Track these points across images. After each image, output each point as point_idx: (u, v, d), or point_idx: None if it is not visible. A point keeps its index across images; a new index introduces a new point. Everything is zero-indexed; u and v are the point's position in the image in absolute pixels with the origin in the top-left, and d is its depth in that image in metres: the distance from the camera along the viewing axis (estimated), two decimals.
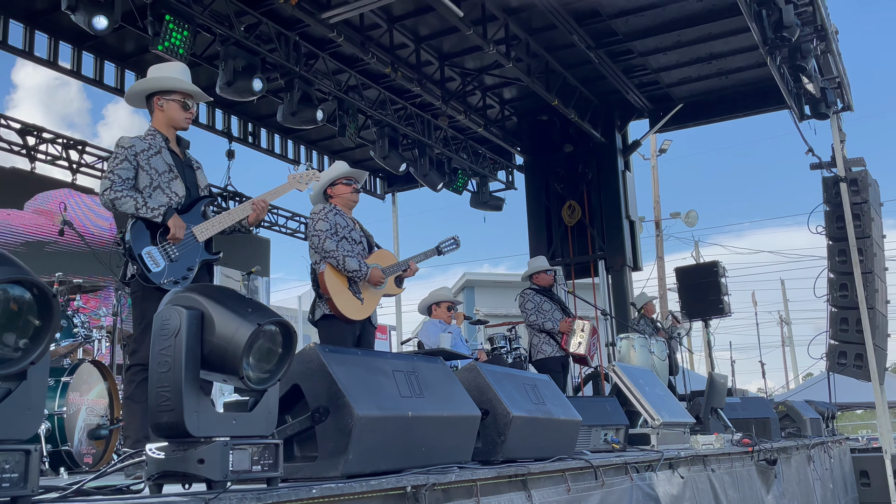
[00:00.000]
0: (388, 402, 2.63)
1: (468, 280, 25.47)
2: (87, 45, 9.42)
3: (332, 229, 4.96)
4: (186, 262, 3.84)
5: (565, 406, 3.88)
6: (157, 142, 3.92)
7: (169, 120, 3.98)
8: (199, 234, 3.89)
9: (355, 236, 5.11)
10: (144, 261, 3.70)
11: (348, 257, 4.88)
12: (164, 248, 3.77)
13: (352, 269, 4.87)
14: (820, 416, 9.41)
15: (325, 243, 4.88)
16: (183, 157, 4.04)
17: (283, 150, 12.40)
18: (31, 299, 1.65)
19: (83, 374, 5.04)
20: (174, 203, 3.85)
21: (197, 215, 3.96)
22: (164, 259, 3.75)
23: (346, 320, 4.87)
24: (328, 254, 4.87)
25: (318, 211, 5.06)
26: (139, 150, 3.84)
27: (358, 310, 4.93)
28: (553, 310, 7.71)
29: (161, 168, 3.87)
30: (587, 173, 12.21)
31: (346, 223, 5.10)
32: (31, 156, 9.78)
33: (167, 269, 3.75)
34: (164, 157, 3.90)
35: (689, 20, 9.82)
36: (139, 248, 3.72)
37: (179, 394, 2.02)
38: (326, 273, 4.86)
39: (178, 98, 3.98)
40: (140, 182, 3.82)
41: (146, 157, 3.84)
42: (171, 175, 3.89)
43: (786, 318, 32.75)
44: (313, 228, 5.00)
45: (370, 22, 9.45)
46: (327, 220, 4.98)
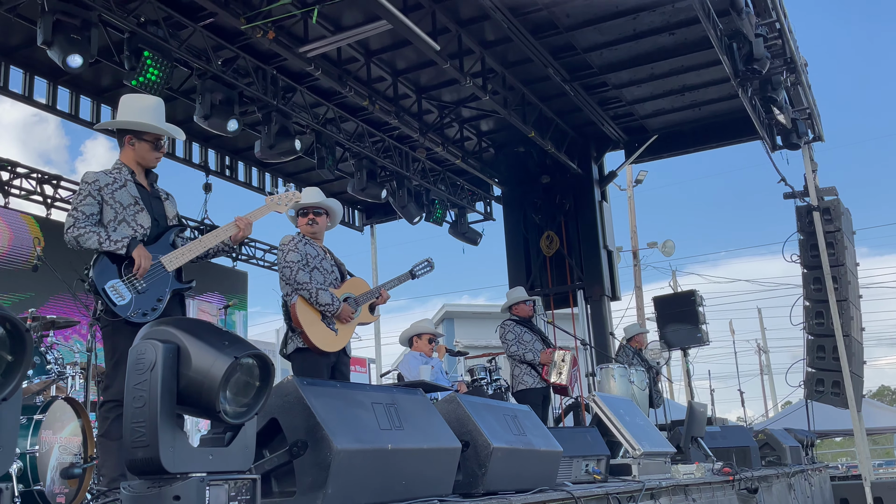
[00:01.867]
0: (367, 435, 2.60)
1: (448, 311, 25.46)
2: (63, 79, 9.39)
3: (302, 260, 4.91)
4: (155, 293, 3.77)
5: (546, 437, 3.86)
6: (123, 175, 3.88)
7: (139, 159, 3.95)
8: (167, 264, 3.83)
9: (326, 266, 5.07)
10: (108, 294, 3.64)
11: (321, 290, 4.83)
12: (130, 281, 3.70)
13: (324, 302, 4.81)
14: (799, 444, 9.43)
15: (298, 275, 4.83)
16: (150, 188, 3.99)
17: (260, 183, 12.38)
18: (4, 334, 1.63)
19: (56, 412, 4.94)
20: (139, 235, 3.79)
21: (166, 245, 3.90)
22: (129, 291, 3.69)
23: (320, 352, 4.81)
24: (301, 286, 4.82)
25: (286, 242, 5.02)
26: (103, 184, 3.80)
27: (333, 341, 4.87)
28: (533, 340, 7.70)
29: (126, 201, 3.82)
30: (564, 204, 12.29)
31: (317, 252, 5.05)
32: (4, 191, 9.68)
33: (134, 302, 3.68)
34: (130, 190, 3.84)
35: (661, 53, 9.99)
36: (102, 282, 3.66)
37: (155, 429, 1.99)
38: (298, 305, 4.80)
39: (149, 138, 3.94)
40: (105, 216, 3.78)
41: (110, 191, 3.79)
42: (137, 208, 3.84)
43: (763, 347, 32.95)
44: (284, 260, 4.95)
45: (347, 56, 9.52)
46: (297, 251, 4.94)
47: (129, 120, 3.93)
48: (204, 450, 2.13)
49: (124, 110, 3.99)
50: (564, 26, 9.28)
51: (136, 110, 3.96)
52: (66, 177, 10.42)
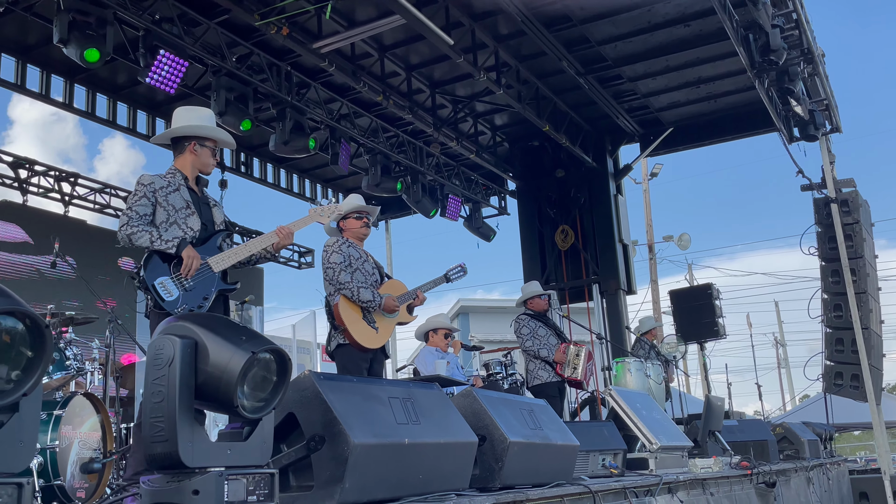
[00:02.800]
0: (384, 430, 2.61)
1: (463, 306, 25.46)
2: (79, 77, 9.46)
3: (345, 261, 5.10)
4: (202, 291, 3.92)
5: (562, 431, 3.85)
6: (177, 180, 4.05)
7: (198, 164, 4.13)
8: (214, 265, 3.98)
9: (368, 268, 5.26)
10: (158, 290, 3.80)
11: (362, 288, 5.01)
12: (178, 279, 3.86)
13: (366, 299, 4.99)
14: (818, 438, 9.36)
15: (340, 275, 5.01)
16: (201, 194, 4.16)
17: (275, 180, 12.42)
18: (24, 330, 1.64)
19: (76, 407, 4.98)
20: (189, 237, 3.94)
21: (213, 248, 4.06)
22: (178, 289, 3.84)
23: (362, 349, 4.97)
24: (343, 285, 5.00)
25: (331, 244, 5.21)
26: (158, 186, 3.97)
27: (373, 338, 5.05)
28: (548, 335, 7.68)
29: (178, 204, 3.99)
30: (579, 198, 12.25)
31: (359, 255, 5.25)
32: (23, 188, 9.77)
33: (181, 298, 3.83)
34: (182, 194, 4.02)
35: (677, 45, 9.92)
36: (152, 278, 3.82)
37: (174, 424, 2.00)
38: (341, 304, 4.98)
39: (210, 145, 4.14)
40: (157, 218, 3.95)
41: (164, 194, 3.97)
42: (188, 211, 4.01)
43: (781, 340, 32.74)
44: (327, 261, 5.13)
45: (361, 51, 9.52)
46: (341, 253, 5.12)
47: (197, 125, 4.12)
48: (222, 444, 2.14)
49: (185, 119, 4.16)
50: (578, 19, 9.23)
51: (197, 119, 4.16)
52: (83, 174, 10.50)
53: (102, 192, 10.76)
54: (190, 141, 4.10)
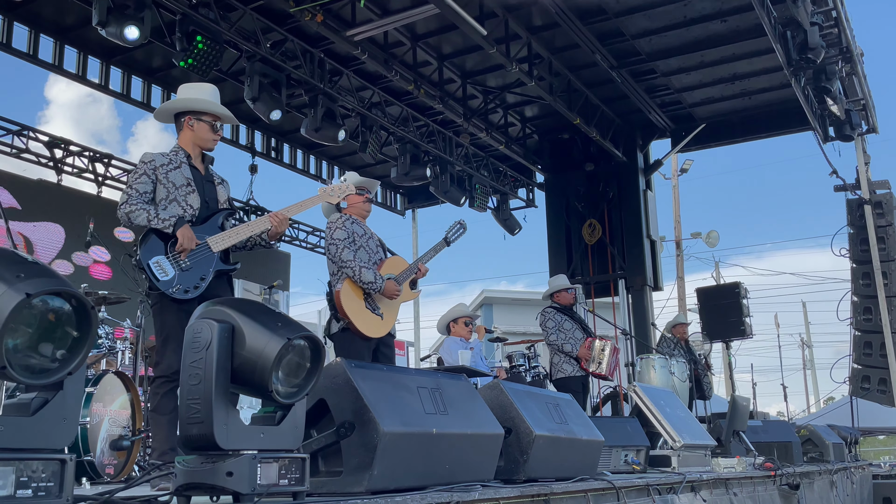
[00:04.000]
0: (413, 419, 2.63)
1: (487, 297, 25.47)
2: (115, 59, 9.57)
3: (349, 238, 4.96)
4: (199, 271, 3.85)
5: (588, 426, 3.86)
6: (179, 157, 4.00)
7: (197, 139, 4.06)
8: (213, 245, 3.91)
9: (372, 245, 5.11)
10: (152, 269, 3.74)
11: (364, 269, 4.85)
12: (175, 257, 3.80)
13: (367, 280, 4.83)
14: (843, 441, 9.27)
15: (343, 253, 4.86)
16: (204, 172, 4.10)
17: (305, 166, 12.49)
18: (70, 311, 1.68)
19: (106, 385, 5.08)
20: (188, 216, 3.89)
21: (214, 227, 3.99)
22: (173, 268, 3.78)
23: (365, 338, 4.84)
24: (345, 263, 4.84)
25: (334, 220, 5.06)
26: (158, 164, 3.92)
27: (379, 325, 4.90)
28: (574, 329, 7.67)
29: (179, 182, 3.93)
30: (608, 192, 12.19)
31: (363, 231, 5.11)
32: (57, 168, 9.91)
33: (177, 278, 3.77)
34: (184, 172, 3.96)
35: (712, 41, 9.82)
36: (147, 257, 3.76)
37: (210, 406, 2.04)
38: (343, 292, 4.82)
39: (208, 119, 4.07)
40: (158, 195, 3.90)
41: (165, 171, 3.92)
42: (189, 189, 3.94)
43: (807, 341, 32.39)
44: (330, 237, 4.98)
45: (394, 40, 9.53)
46: (344, 229, 4.98)
47: (190, 98, 4.07)
48: (256, 428, 2.18)
49: (182, 94, 4.13)
50: (613, 12, 9.17)
51: (194, 93, 4.10)
52: (117, 156, 10.63)
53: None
54: (185, 116, 4.06)
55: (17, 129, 9.48)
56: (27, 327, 1.59)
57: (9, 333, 1.55)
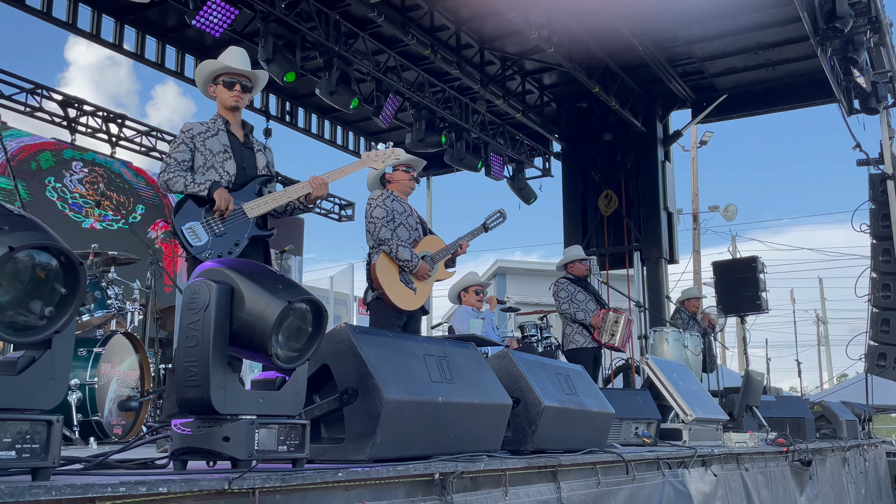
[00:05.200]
0: (418, 387, 2.57)
1: (500, 267, 25.39)
2: (130, 19, 9.45)
3: (388, 216, 5.02)
4: (233, 237, 3.85)
5: (598, 398, 3.79)
6: (217, 125, 4.04)
7: (220, 101, 4.09)
8: (249, 211, 3.91)
9: (412, 222, 5.19)
10: (185, 235, 3.76)
11: (401, 247, 4.94)
12: (209, 223, 3.81)
13: (404, 258, 4.92)
14: (856, 419, 9.19)
15: (381, 231, 4.95)
16: (243, 139, 4.11)
17: (319, 131, 12.38)
18: (58, 266, 1.61)
19: (115, 346, 5.07)
20: (224, 181, 3.91)
21: (251, 193, 3.99)
22: (207, 234, 3.79)
23: (398, 310, 4.92)
24: (382, 242, 4.94)
25: (375, 197, 5.12)
26: (196, 132, 3.97)
27: (411, 299, 4.99)
28: (587, 300, 7.59)
29: (216, 149, 3.96)
30: (626, 163, 12.01)
31: (404, 209, 5.19)
32: (71, 128, 9.87)
33: (211, 243, 3.78)
34: (221, 139, 3.99)
35: (737, 8, 9.56)
36: (181, 223, 3.78)
37: (207, 369, 1.97)
38: (378, 264, 4.90)
39: (224, 79, 4.07)
40: (196, 162, 3.94)
41: (202, 139, 3.95)
42: (226, 156, 3.97)
43: (823, 318, 32.17)
44: (370, 215, 5.06)
45: (411, 3, 9.35)
46: (384, 207, 5.04)
47: (203, 63, 4.13)
48: (255, 392, 2.12)
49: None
50: None
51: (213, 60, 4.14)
52: (130, 116, 10.57)
53: (149, 136, 10.82)
54: (208, 84, 4.11)
55: (31, 88, 9.42)
56: (12, 282, 1.52)
57: None
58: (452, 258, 5.30)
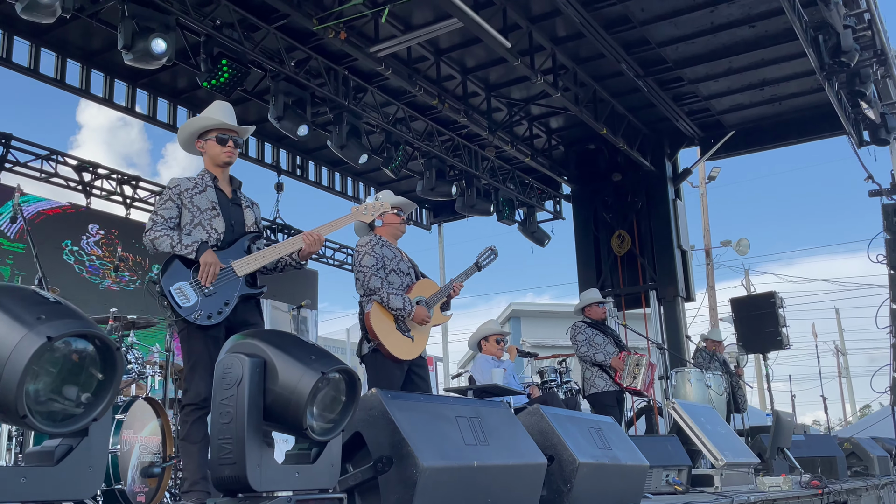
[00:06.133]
0: (452, 451, 2.52)
1: (514, 310, 25.28)
2: (141, 82, 9.60)
3: (378, 264, 4.87)
4: (223, 296, 3.77)
5: (631, 450, 3.72)
6: (205, 181, 3.96)
7: (211, 158, 4.01)
8: (238, 269, 3.83)
9: (403, 267, 5.02)
10: (174, 296, 3.67)
11: (393, 295, 4.77)
12: (198, 283, 3.72)
13: (396, 307, 4.75)
14: (888, 454, 8.99)
15: (371, 281, 4.78)
16: (231, 195, 4.04)
17: (330, 183, 12.46)
18: (94, 352, 1.59)
19: (136, 412, 5.02)
20: (213, 240, 3.83)
21: (239, 251, 3.92)
22: (196, 294, 3.71)
23: (396, 360, 4.75)
24: (373, 291, 4.78)
25: (364, 244, 4.97)
26: (184, 188, 3.89)
27: (409, 348, 4.81)
28: (605, 343, 7.50)
29: (203, 206, 3.89)
30: (637, 202, 12.01)
31: (393, 254, 5.02)
32: (86, 191, 9.95)
33: (199, 304, 3.69)
34: (209, 195, 3.92)
35: (740, 46, 9.64)
36: (169, 284, 3.70)
37: (242, 446, 1.94)
38: (373, 314, 4.74)
39: (213, 135, 4.01)
40: (183, 219, 3.86)
41: (189, 195, 3.88)
42: (214, 213, 3.89)
43: (842, 349, 31.78)
44: (359, 263, 4.91)
45: (417, 55, 9.47)
46: (374, 255, 4.89)
47: (189, 121, 4.09)
48: (290, 467, 2.07)
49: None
50: (639, 20, 9.04)
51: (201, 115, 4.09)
52: (144, 178, 10.67)
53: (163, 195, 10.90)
54: (195, 139, 4.05)
55: (46, 154, 9.53)
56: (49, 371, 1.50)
57: (30, 378, 1.46)
58: (447, 301, 5.13)
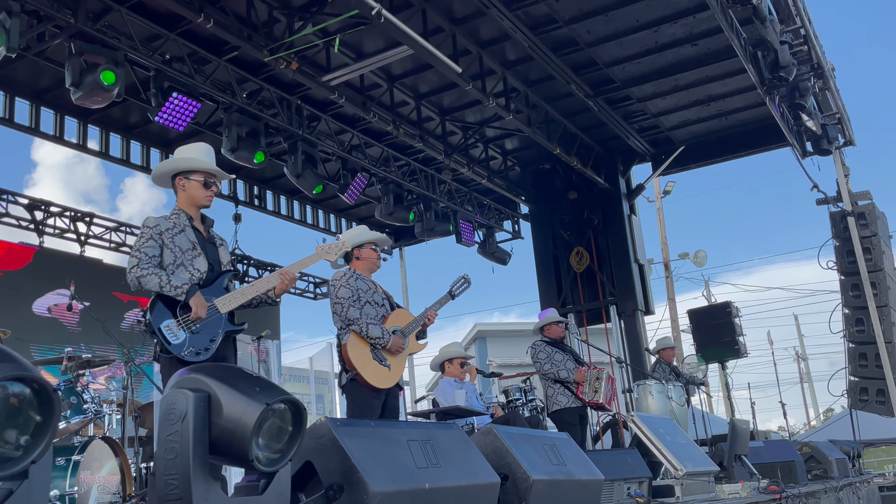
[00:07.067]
0: (403, 475, 2.55)
1: (479, 331, 25.34)
2: (92, 118, 9.54)
3: (353, 296, 5.00)
4: (209, 333, 3.86)
5: (586, 465, 3.78)
6: (182, 221, 4.02)
7: (191, 199, 4.07)
8: (221, 307, 3.93)
9: (377, 298, 5.16)
10: (164, 334, 3.76)
11: (371, 325, 4.91)
12: (185, 322, 3.82)
13: (374, 336, 4.90)
14: (846, 456, 9.18)
15: (349, 312, 4.92)
16: (206, 234, 4.12)
17: (289, 212, 12.45)
18: (31, 395, 1.61)
19: (94, 452, 4.96)
20: (196, 279, 3.91)
21: (220, 289, 4.01)
22: (184, 332, 3.80)
23: (374, 389, 4.85)
24: (352, 322, 4.91)
25: (339, 277, 5.10)
26: (164, 228, 3.94)
27: (386, 377, 4.93)
28: (565, 360, 7.59)
29: (185, 246, 3.95)
30: (593, 219, 12.19)
31: (368, 286, 5.15)
32: (38, 230, 9.83)
33: (188, 341, 3.79)
34: (188, 236, 3.98)
35: (685, 64, 9.90)
36: (158, 322, 3.78)
37: (188, 482, 1.96)
38: (350, 344, 4.87)
39: (198, 178, 4.07)
40: (164, 259, 3.91)
41: (170, 236, 3.93)
42: (195, 252, 3.96)
43: (802, 354, 32.35)
44: (335, 296, 5.04)
45: (370, 82, 9.56)
46: (349, 287, 5.02)
47: (178, 158, 4.12)
48: (238, 500, 2.10)
49: (176, 157, 4.17)
50: (586, 42, 9.24)
51: (183, 153, 4.14)
52: (99, 214, 10.56)
53: (118, 231, 10.81)
54: (177, 177, 4.09)
55: None
56: None
57: None
58: (423, 329, 5.27)
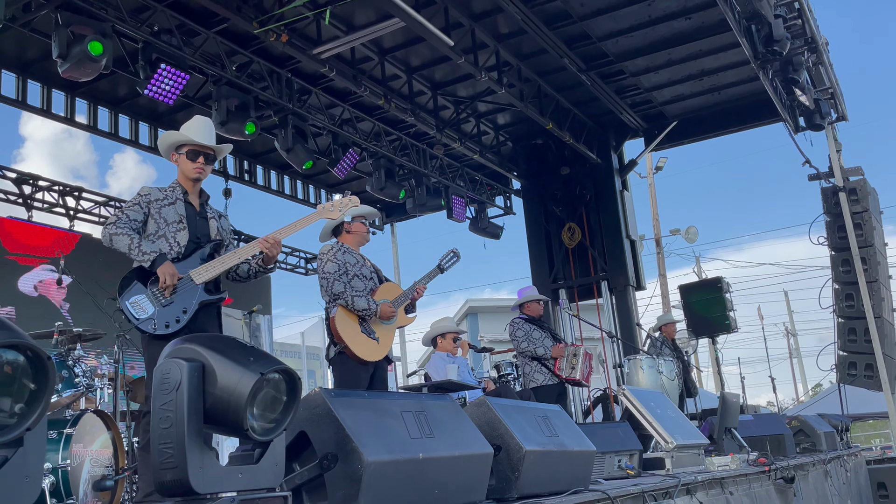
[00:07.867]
0: (397, 445, 2.56)
1: (471, 307, 25.41)
2: (80, 91, 9.43)
3: (340, 269, 4.99)
4: (181, 304, 3.82)
5: (578, 436, 3.80)
6: (175, 193, 4.02)
7: (183, 172, 4.08)
8: (196, 277, 3.88)
9: (366, 272, 5.14)
10: (130, 310, 3.74)
11: (357, 297, 4.90)
12: (154, 294, 3.78)
13: (361, 308, 4.89)
14: (834, 430, 9.29)
15: (334, 286, 4.90)
16: (199, 208, 4.09)
17: (279, 187, 12.39)
18: (25, 363, 1.60)
19: (86, 425, 4.95)
20: (173, 252, 3.87)
21: (197, 259, 3.96)
22: (153, 305, 3.77)
23: (363, 362, 4.86)
24: (337, 296, 4.89)
25: (326, 251, 5.09)
26: (153, 198, 3.95)
27: (374, 350, 4.94)
28: (543, 338, 7.60)
29: (171, 218, 3.94)
30: (585, 195, 12.19)
31: (356, 260, 5.14)
32: (27, 205, 9.75)
33: (157, 315, 3.75)
34: (177, 208, 3.97)
35: (678, 38, 9.85)
36: (126, 298, 3.77)
37: (183, 450, 1.95)
38: (338, 317, 4.86)
39: (187, 150, 4.06)
40: (148, 229, 3.91)
41: (158, 206, 3.93)
42: (180, 226, 3.94)
43: (792, 330, 32.60)
44: (322, 270, 5.03)
45: (361, 55, 9.47)
46: (335, 261, 5.01)
47: (167, 133, 4.12)
48: (233, 468, 2.10)
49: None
50: (578, 15, 9.17)
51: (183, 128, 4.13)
52: (88, 188, 10.48)
53: (107, 206, 10.74)
54: (171, 152, 4.11)
55: None
56: None
57: None
58: (412, 303, 5.27)
